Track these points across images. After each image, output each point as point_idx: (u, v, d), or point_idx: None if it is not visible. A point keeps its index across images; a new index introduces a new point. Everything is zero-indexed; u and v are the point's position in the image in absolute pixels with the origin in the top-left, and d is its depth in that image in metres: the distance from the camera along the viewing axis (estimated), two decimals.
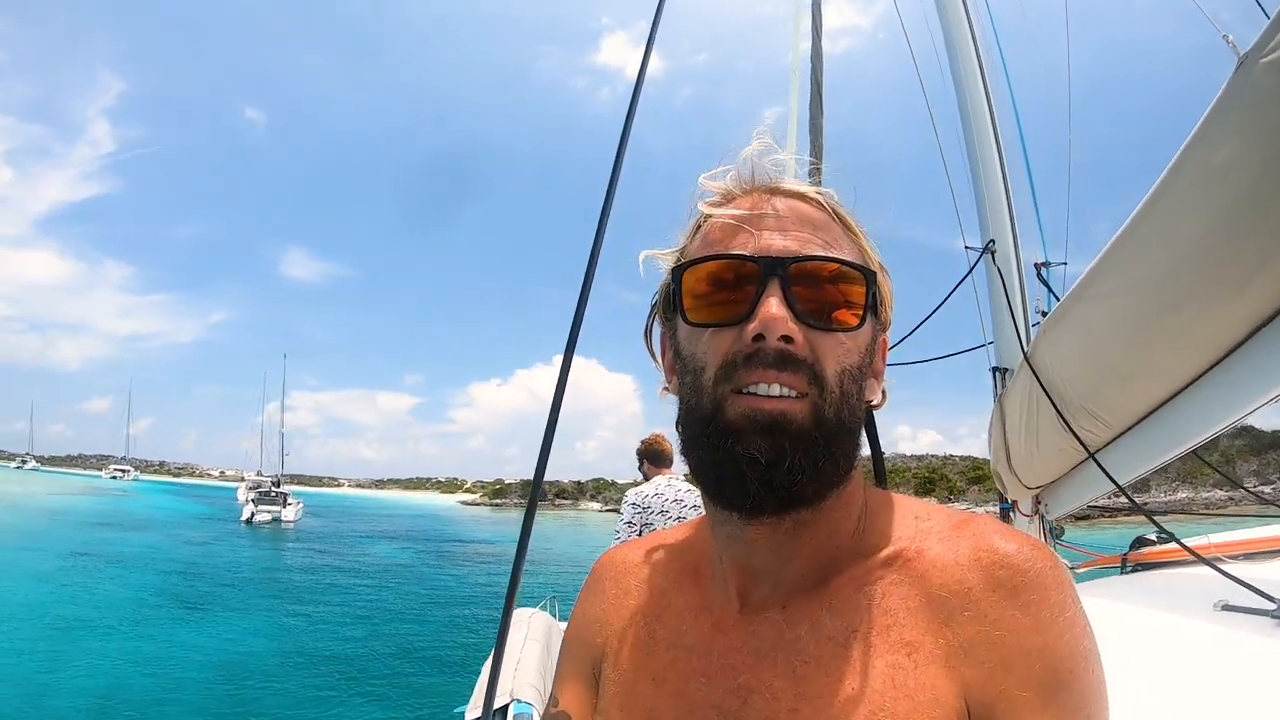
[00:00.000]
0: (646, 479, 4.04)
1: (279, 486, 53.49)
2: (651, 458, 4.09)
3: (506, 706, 2.64)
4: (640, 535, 4.54)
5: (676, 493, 3.85)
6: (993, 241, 3.18)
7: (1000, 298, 3.06)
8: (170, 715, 8.51)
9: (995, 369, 3.05)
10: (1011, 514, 2.99)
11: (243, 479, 64.15)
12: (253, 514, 44.22)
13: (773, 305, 0.56)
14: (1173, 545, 2.14)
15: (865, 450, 0.68)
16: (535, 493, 1.26)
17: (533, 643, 3.40)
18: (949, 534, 0.60)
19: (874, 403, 0.68)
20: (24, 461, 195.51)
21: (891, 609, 0.57)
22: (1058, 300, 2.93)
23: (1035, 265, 3.24)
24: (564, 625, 4.55)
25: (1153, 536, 2.21)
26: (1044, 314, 2.95)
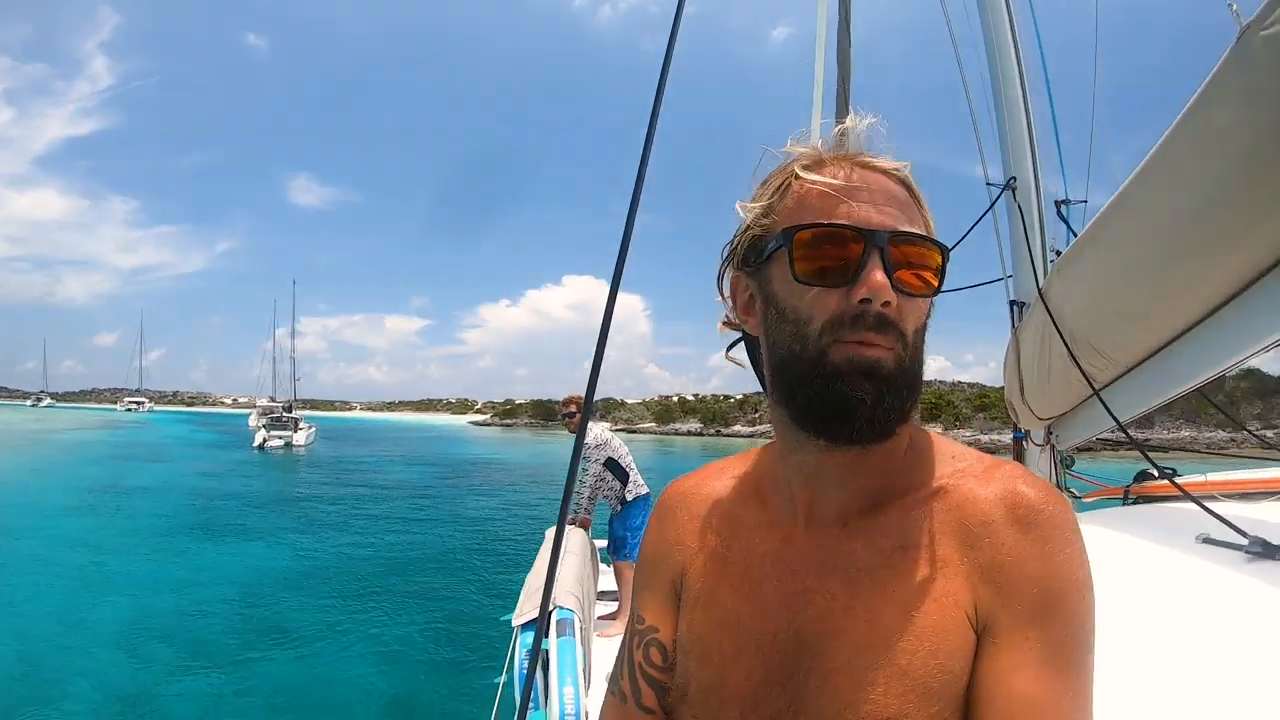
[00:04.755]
0: (571, 430, 5.51)
1: (290, 411, 52.41)
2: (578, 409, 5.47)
3: (551, 613, 2.91)
4: (602, 464, 5.12)
5: (609, 432, 5.52)
6: (1014, 179, 3.18)
7: (1020, 234, 3.10)
8: (197, 632, 8.87)
9: (1013, 302, 3.12)
10: (1025, 442, 3.12)
11: (255, 405, 62.13)
12: (265, 440, 44.05)
13: (878, 275, 0.65)
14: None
15: None
16: (586, 414, 1.37)
17: (570, 555, 3.72)
18: (981, 475, 0.71)
19: None
20: (39, 399, 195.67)
21: (931, 532, 0.69)
22: (1075, 237, 2.98)
23: (1056, 203, 3.27)
24: (597, 541, 4.91)
25: (1155, 472, 2.37)
26: (1059, 253, 3.00)
